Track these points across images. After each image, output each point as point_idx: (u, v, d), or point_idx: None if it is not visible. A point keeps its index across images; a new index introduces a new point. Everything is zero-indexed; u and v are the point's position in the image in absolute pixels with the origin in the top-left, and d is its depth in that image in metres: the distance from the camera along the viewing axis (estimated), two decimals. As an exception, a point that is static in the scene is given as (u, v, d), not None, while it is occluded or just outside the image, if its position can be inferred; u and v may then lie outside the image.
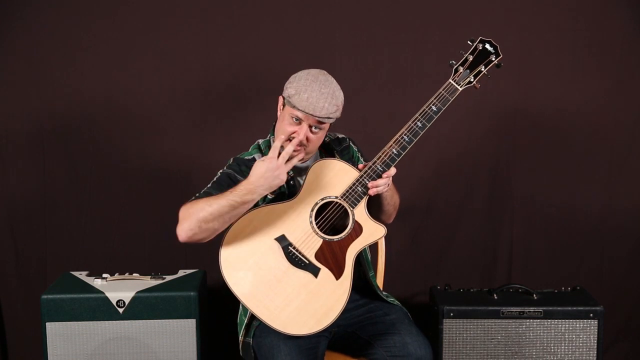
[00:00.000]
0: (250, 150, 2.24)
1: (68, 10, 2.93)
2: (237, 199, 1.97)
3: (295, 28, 2.97)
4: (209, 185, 2.13)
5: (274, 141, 2.19)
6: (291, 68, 2.17)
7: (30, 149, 3.00)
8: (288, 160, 2.01)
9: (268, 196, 2.13)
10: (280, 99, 2.16)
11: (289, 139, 2.06)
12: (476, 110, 3.02)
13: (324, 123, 2.08)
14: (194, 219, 1.99)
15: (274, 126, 2.21)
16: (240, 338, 2.22)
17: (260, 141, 2.25)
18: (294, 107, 2.06)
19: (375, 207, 2.20)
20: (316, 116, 2.04)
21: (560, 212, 3.06)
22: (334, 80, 2.11)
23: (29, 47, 2.94)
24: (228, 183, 2.10)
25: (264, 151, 2.21)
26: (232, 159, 2.21)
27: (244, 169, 2.14)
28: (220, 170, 2.18)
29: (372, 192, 2.06)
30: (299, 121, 2.07)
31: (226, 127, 3.01)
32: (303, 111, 2.04)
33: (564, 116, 3.02)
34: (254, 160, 2.16)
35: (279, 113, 2.16)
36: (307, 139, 2.08)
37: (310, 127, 2.07)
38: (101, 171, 3.02)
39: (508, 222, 3.07)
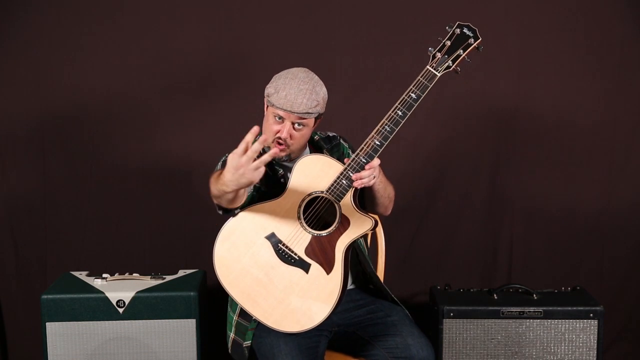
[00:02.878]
0: None
1: (68, 10, 2.94)
2: (220, 186, 1.93)
3: (295, 28, 2.97)
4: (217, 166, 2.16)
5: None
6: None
7: (30, 149, 3.00)
8: (258, 160, 1.83)
9: (262, 188, 2.14)
10: (266, 100, 2.18)
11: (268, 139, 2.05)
12: (476, 110, 3.02)
13: (305, 119, 2.09)
14: (211, 191, 2.03)
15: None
16: (231, 335, 2.22)
17: None
18: (273, 105, 2.08)
19: (370, 201, 2.20)
20: (295, 112, 2.06)
21: (560, 212, 3.06)
22: (316, 77, 2.13)
23: (29, 47, 2.94)
24: None
25: None
26: (226, 155, 2.20)
27: None
28: (220, 162, 2.20)
29: (356, 184, 2.03)
30: (281, 119, 2.09)
31: (226, 127, 3.00)
32: (282, 108, 2.06)
33: (564, 116, 3.02)
34: None
35: (265, 112, 2.19)
36: (291, 136, 2.10)
37: (293, 124, 2.09)
38: (101, 171, 3.02)
39: (508, 222, 3.07)
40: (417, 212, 3.06)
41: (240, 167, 1.82)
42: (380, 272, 2.46)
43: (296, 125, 2.10)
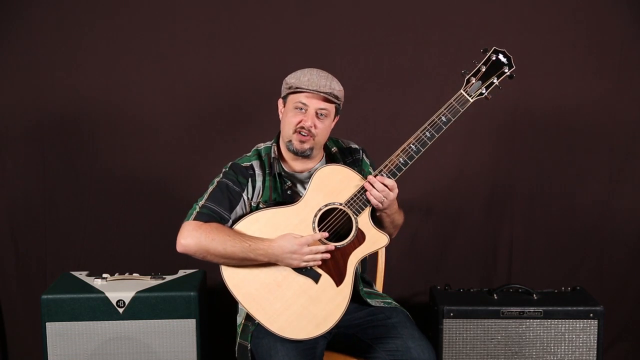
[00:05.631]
0: (250, 154, 2.23)
1: (68, 10, 2.94)
2: (251, 254, 2.01)
3: (295, 28, 2.97)
4: (205, 197, 2.13)
5: (275, 149, 2.19)
6: (291, 69, 2.18)
7: (30, 149, 3.00)
8: (311, 257, 2.02)
9: (268, 202, 2.15)
10: (280, 101, 2.18)
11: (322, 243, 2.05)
12: (476, 110, 3.00)
13: (329, 102, 2.10)
14: (200, 244, 2.03)
15: (279, 133, 2.22)
16: (237, 339, 2.22)
17: (261, 146, 2.24)
18: (297, 89, 2.08)
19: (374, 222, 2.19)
20: (321, 92, 2.07)
21: (560, 212, 3.06)
22: None
23: (29, 47, 2.94)
24: (228, 197, 2.11)
25: (263, 158, 2.20)
26: (229, 165, 2.20)
27: (241, 179, 2.15)
28: (217, 179, 2.17)
29: (367, 194, 2.05)
30: (304, 109, 2.10)
31: (225, 128, 3.01)
32: (307, 89, 2.07)
33: (564, 116, 3.01)
34: (252, 168, 2.17)
35: (281, 116, 2.17)
36: (315, 126, 2.10)
37: (316, 113, 2.09)
38: (101, 171, 3.02)
39: (508, 222, 3.07)
40: (417, 213, 3.06)
41: (296, 254, 2.00)
42: (380, 272, 2.45)
43: (319, 115, 2.10)
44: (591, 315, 2.54)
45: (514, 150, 3.04)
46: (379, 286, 2.42)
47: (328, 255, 2.03)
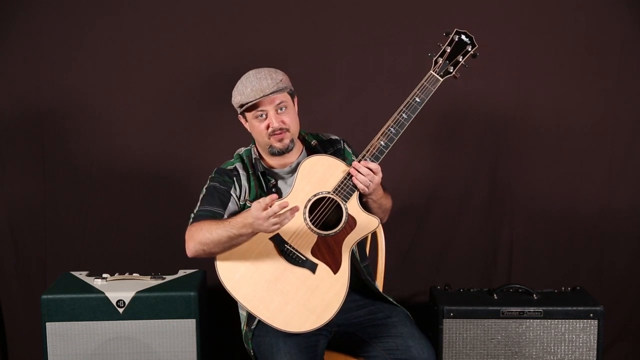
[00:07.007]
0: (232, 159, 2.27)
1: (68, 10, 2.94)
2: (235, 231, 2.00)
3: (296, 28, 2.97)
4: (199, 205, 2.17)
5: (255, 150, 2.25)
6: (291, 68, 2.19)
7: (30, 149, 3.00)
8: (275, 220, 1.92)
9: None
10: (240, 117, 2.23)
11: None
12: (476, 109, 3.02)
13: (279, 94, 2.11)
14: (197, 242, 2.04)
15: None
16: (247, 347, 2.23)
17: (242, 150, 2.30)
18: (248, 104, 2.11)
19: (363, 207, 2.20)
20: (269, 94, 2.09)
21: (560, 212, 3.06)
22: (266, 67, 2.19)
23: (29, 47, 2.95)
24: (218, 197, 2.15)
25: (245, 161, 2.24)
26: (214, 171, 2.25)
27: (226, 179, 2.20)
28: (205, 186, 2.22)
29: (353, 180, 2.07)
30: (264, 115, 2.13)
31: (225, 128, 3.00)
32: (255, 99, 2.09)
33: (564, 116, 3.01)
34: (236, 170, 2.22)
35: (249, 129, 2.22)
36: (283, 122, 2.13)
37: (276, 111, 2.12)
38: (101, 171, 3.02)
39: (508, 222, 3.07)
40: (417, 212, 3.06)
41: (259, 219, 1.91)
42: (380, 272, 2.46)
43: (279, 110, 2.13)
44: (591, 315, 2.54)
45: (513, 150, 3.04)
46: (379, 286, 2.42)
47: (289, 214, 1.93)
